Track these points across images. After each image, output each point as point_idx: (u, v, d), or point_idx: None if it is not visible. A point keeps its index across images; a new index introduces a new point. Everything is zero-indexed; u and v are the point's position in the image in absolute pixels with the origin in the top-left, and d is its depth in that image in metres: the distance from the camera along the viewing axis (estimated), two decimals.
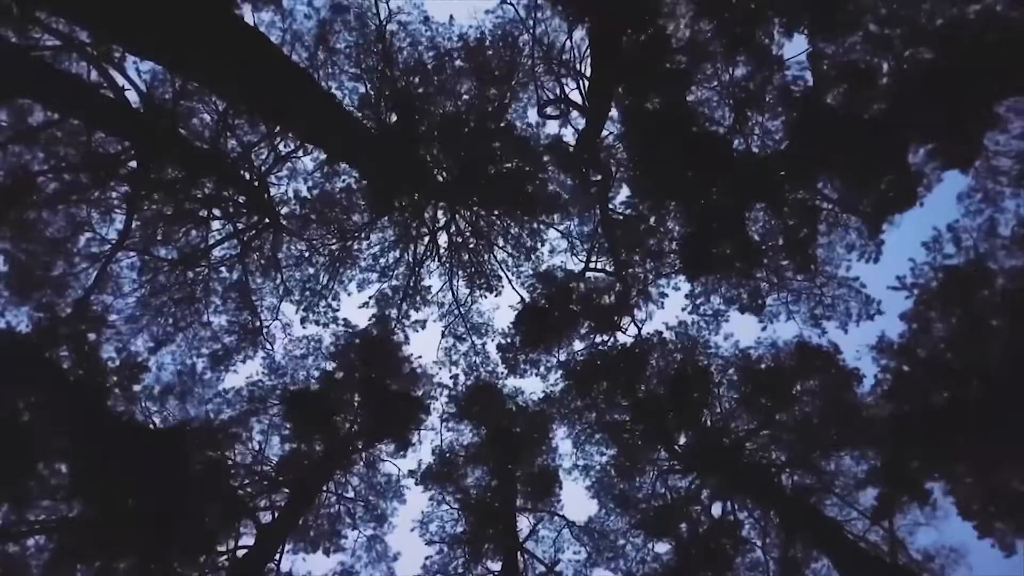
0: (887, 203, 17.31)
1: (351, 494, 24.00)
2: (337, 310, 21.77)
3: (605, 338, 22.45)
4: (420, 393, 23.81)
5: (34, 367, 16.47)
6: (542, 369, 22.98)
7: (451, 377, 23.99)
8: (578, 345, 22.77)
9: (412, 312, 22.64)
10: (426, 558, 23.03)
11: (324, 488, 22.91)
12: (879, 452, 19.12)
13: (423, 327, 22.92)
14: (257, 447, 22.05)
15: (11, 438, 15.65)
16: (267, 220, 19.35)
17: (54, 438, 16.54)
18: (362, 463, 24.11)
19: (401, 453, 23.66)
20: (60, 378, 17.07)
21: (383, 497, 24.28)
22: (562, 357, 22.80)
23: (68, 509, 17.11)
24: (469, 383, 23.71)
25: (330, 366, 22.85)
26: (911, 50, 15.59)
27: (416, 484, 23.61)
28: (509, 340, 22.67)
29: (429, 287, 22.48)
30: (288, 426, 22.11)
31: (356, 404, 23.36)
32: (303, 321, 21.44)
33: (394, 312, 22.28)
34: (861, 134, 15.97)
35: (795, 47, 23.92)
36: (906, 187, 16.84)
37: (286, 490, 21.44)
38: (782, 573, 20.58)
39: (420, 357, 24.03)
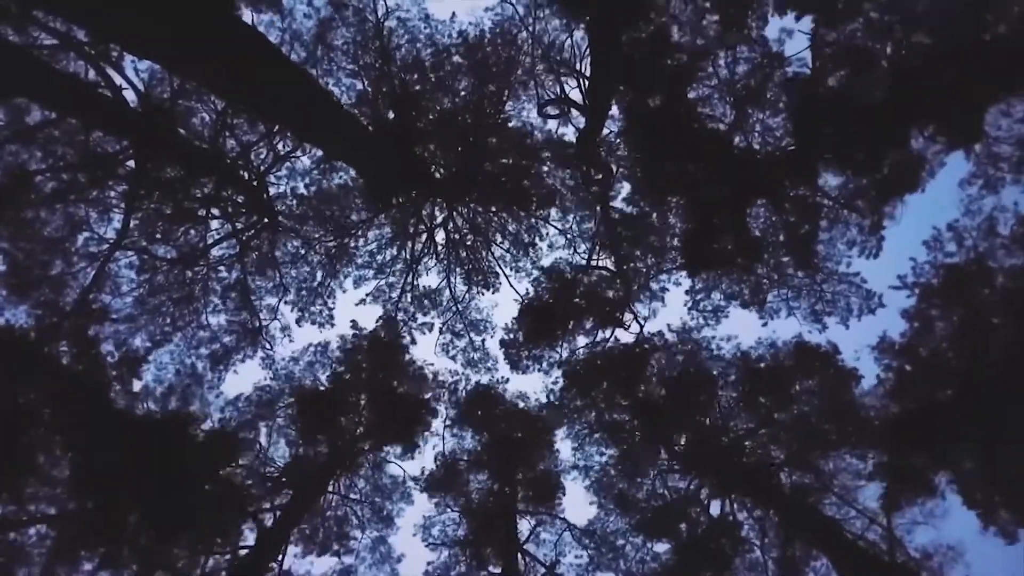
0: (890, 187, 17.24)
1: (357, 496, 24.08)
2: (333, 308, 21.81)
3: (608, 334, 22.38)
4: (427, 396, 23.83)
5: (33, 363, 16.52)
6: (544, 365, 22.92)
7: (452, 382, 24.04)
8: (581, 340, 22.72)
9: (419, 315, 22.71)
10: (428, 563, 23.16)
11: (330, 490, 22.97)
12: (881, 449, 19.09)
13: (430, 329, 22.99)
14: (262, 447, 22.11)
15: (11, 433, 15.72)
16: (266, 220, 19.35)
17: (55, 434, 16.62)
18: (368, 465, 24.15)
19: (408, 455, 23.68)
20: (60, 374, 17.13)
21: (389, 499, 24.36)
22: (565, 353, 22.75)
23: (69, 503, 17.20)
24: (470, 387, 23.70)
25: (337, 368, 22.89)
26: (910, 36, 15.47)
27: (421, 492, 23.72)
28: (512, 336, 22.60)
29: (436, 289, 22.48)
30: (294, 427, 22.18)
31: (362, 406, 23.39)
32: (299, 321, 21.46)
33: (401, 316, 22.33)
34: (863, 118, 15.86)
35: (796, 45, 23.74)
36: (908, 170, 16.75)
37: (290, 492, 21.47)
38: (781, 573, 20.58)
39: (429, 363, 24.14)
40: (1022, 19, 14.46)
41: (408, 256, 21.41)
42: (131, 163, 17.30)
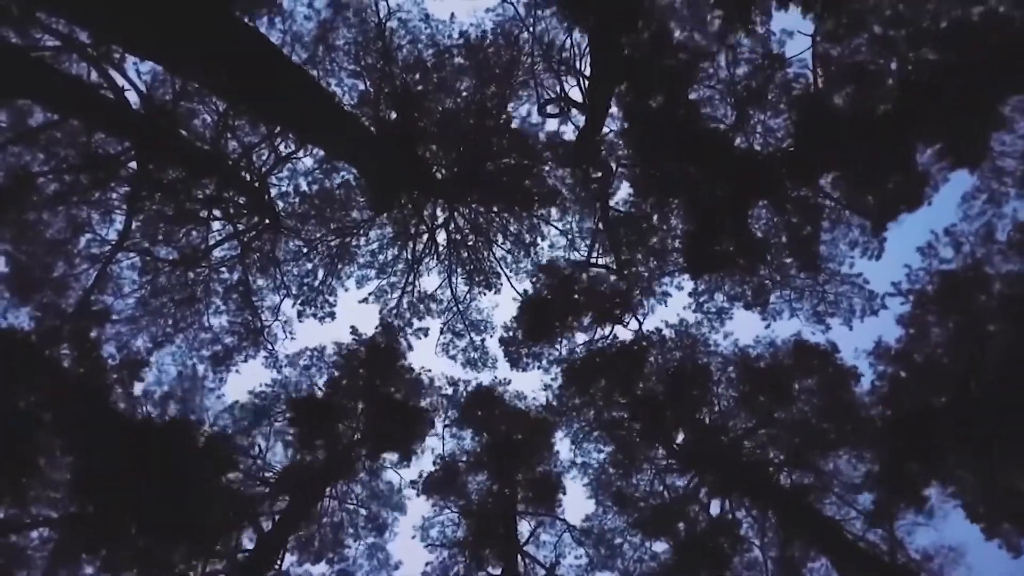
0: (894, 203, 17.25)
1: (353, 503, 24.10)
2: (335, 306, 21.83)
3: (607, 331, 22.38)
4: (424, 403, 23.80)
5: (35, 366, 16.56)
6: (544, 362, 22.93)
7: (451, 384, 24.05)
8: (580, 338, 22.72)
9: (416, 320, 22.74)
10: (427, 564, 23.20)
11: (327, 496, 23.00)
12: (877, 455, 19.13)
13: (426, 335, 22.99)
14: (259, 452, 22.16)
15: (12, 436, 15.76)
16: (267, 221, 19.38)
17: (56, 436, 16.67)
18: (365, 472, 24.14)
19: (404, 463, 23.59)
20: (61, 377, 17.17)
21: (385, 506, 24.39)
22: (564, 351, 22.75)
23: (70, 506, 17.26)
24: (470, 388, 23.71)
25: (334, 374, 22.91)
26: (916, 51, 15.47)
27: (418, 495, 23.69)
28: (511, 333, 22.62)
29: (433, 295, 22.48)
30: (291, 432, 22.22)
31: (360, 412, 23.40)
32: (300, 315, 21.50)
33: (398, 322, 22.33)
34: (867, 134, 15.87)
35: (796, 47, 23.66)
36: (913, 187, 16.75)
37: (287, 497, 21.51)
38: (780, 572, 20.64)
39: (427, 369, 24.11)
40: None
41: (410, 256, 21.43)
42: (133, 164, 17.33)
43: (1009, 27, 14.08)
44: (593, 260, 21.67)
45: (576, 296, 21.83)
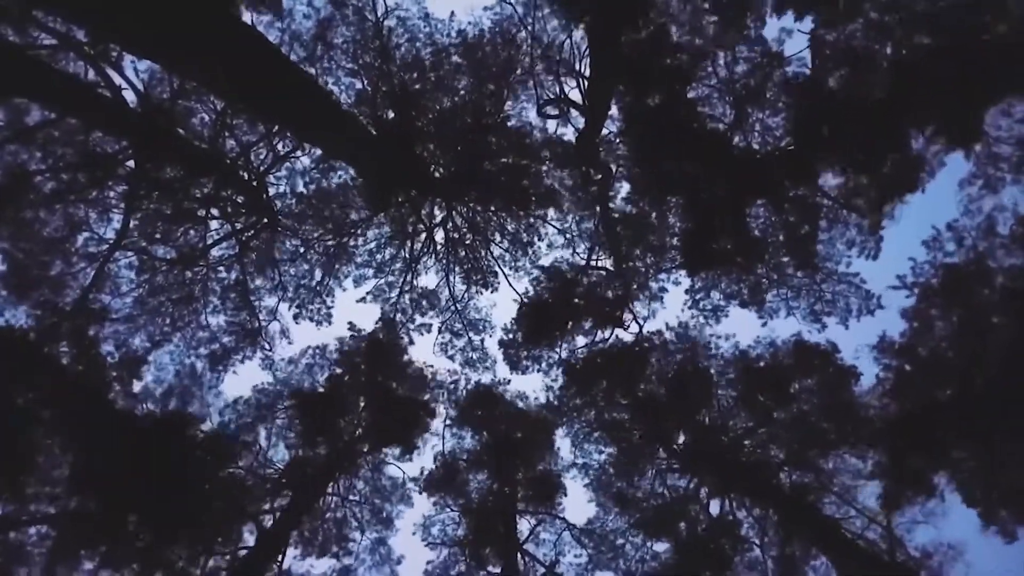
0: (890, 188, 17.25)
1: (356, 498, 24.08)
2: (332, 307, 21.78)
3: (607, 334, 22.37)
4: (426, 397, 23.81)
5: (33, 364, 16.53)
6: (544, 365, 22.89)
7: (451, 382, 24.01)
8: (580, 340, 22.68)
9: (417, 316, 22.69)
10: (427, 562, 23.18)
11: (329, 492, 22.98)
12: (881, 449, 19.11)
13: (428, 331, 22.96)
14: (261, 448, 22.13)
15: (11, 434, 15.73)
16: (265, 220, 19.36)
17: (55, 434, 16.63)
18: (367, 467, 24.14)
19: (407, 457, 23.61)
20: (59, 374, 17.14)
21: (388, 501, 24.37)
22: (564, 354, 22.72)
23: (69, 503, 17.21)
24: (470, 387, 23.69)
25: (336, 370, 22.91)
26: (911, 37, 15.45)
27: (420, 493, 23.71)
28: (511, 336, 22.59)
29: (435, 291, 22.48)
30: (293, 429, 22.19)
31: (361, 407, 23.40)
32: (296, 318, 21.46)
33: (400, 316, 22.32)
34: (862, 117, 15.85)
35: (796, 45, 23.72)
36: (908, 171, 16.74)
37: (289, 493, 21.48)
38: (780, 572, 20.60)
39: (429, 366, 24.14)
40: (1022, 19, 14.47)
41: (407, 255, 21.41)
42: (131, 163, 17.32)
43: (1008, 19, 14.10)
44: (592, 260, 21.67)
45: (576, 300, 21.83)
